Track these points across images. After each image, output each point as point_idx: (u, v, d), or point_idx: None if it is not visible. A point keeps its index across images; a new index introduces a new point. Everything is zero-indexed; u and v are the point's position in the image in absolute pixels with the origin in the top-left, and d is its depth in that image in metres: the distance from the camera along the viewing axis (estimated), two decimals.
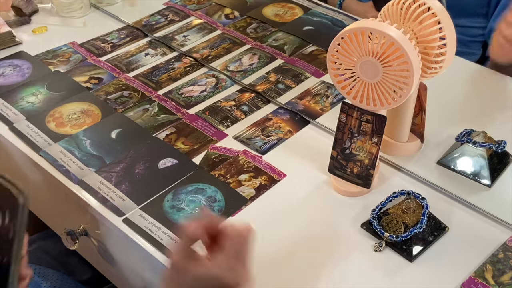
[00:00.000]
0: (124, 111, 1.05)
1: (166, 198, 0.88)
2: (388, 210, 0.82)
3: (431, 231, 0.81)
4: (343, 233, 0.83)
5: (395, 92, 0.80)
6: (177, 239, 0.82)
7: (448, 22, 0.81)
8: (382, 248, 0.80)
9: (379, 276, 0.78)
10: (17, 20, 1.31)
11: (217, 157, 0.95)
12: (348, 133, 0.87)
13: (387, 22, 0.78)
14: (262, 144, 0.98)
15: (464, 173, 0.91)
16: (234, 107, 1.06)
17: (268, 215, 0.86)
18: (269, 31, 1.27)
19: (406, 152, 0.95)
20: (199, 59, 1.18)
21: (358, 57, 0.80)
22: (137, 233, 0.83)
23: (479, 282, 0.75)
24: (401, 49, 0.76)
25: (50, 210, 1.08)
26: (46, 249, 1.06)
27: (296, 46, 1.22)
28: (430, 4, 0.81)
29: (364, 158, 0.86)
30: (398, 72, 0.78)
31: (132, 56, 1.20)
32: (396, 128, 0.93)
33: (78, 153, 0.96)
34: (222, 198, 0.88)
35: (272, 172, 0.92)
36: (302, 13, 1.33)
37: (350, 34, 0.78)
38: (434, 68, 0.84)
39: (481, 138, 0.91)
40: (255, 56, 1.19)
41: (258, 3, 1.37)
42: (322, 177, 0.92)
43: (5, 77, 1.14)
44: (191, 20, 1.32)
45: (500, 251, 0.79)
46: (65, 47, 1.23)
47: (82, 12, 1.34)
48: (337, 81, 0.84)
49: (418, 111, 0.92)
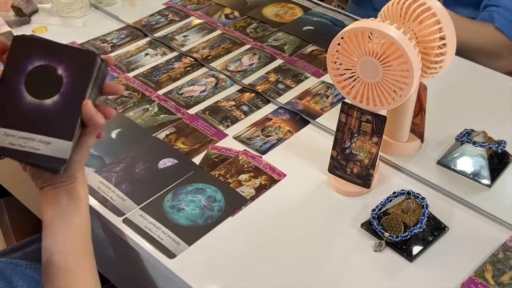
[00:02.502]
0: (124, 111, 1.05)
1: (166, 198, 0.88)
2: (388, 210, 0.82)
3: (431, 231, 0.81)
4: (343, 233, 0.83)
5: (395, 92, 0.80)
6: (177, 238, 0.82)
7: (448, 22, 0.81)
8: (382, 248, 0.80)
9: (379, 276, 0.78)
10: (17, 20, 1.31)
11: (217, 157, 0.95)
12: (348, 133, 0.87)
13: (387, 22, 0.78)
14: (262, 144, 0.98)
15: (464, 173, 0.91)
16: (234, 107, 1.06)
17: (268, 215, 0.86)
18: (269, 31, 1.27)
19: (406, 152, 0.95)
20: (199, 59, 1.18)
21: (358, 57, 0.80)
22: (137, 233, 0.83)
23: (479, 282, 0.75)
24: (401, 49, 0.76)
25: None
26: None
27: (296, 46, 1.22)
28: (430, 4, 0.81)
29: (364, 158, 0.86)
30: (398, 72, 0.78)
31: (132, 56, 1.20)
32: (396, 128, 0.93)
33: None
34: (222, 198, 0.88)
35: (272, 172, 0.92)
36: (302, 13, 1.33)
37: (350, 34, 0.78)
38: (434, 68, 0.84)
39: (481, 138, 0.91)
40: (255, 56, 1.19)
41: (258, 3, 1.37)
42: (322, 177, 0.92)
43: None
44: (191, 20, 1.32)
45: (500, 251, 0.79)
46: None
47: (82, 12, 1.34)
48: (337, 81, 0.84)
49: (418, 111, 0.92)
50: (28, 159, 0.66)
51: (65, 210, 0.71)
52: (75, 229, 0.72)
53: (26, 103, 0.66)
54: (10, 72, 0.67)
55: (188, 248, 0.81)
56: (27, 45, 0.68)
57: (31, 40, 0.68)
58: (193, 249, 0.81)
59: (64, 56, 0.67)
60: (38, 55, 0.67)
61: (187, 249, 0.81)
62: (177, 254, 0.80)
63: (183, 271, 0.78)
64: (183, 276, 0.78)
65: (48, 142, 0.66)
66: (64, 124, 0.66)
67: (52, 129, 0.66)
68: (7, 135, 0.65)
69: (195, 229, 0.83)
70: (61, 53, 0.67)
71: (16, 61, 0.67)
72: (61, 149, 0.66)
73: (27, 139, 0.66)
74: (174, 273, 0.78)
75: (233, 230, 0.84)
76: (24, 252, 1.04)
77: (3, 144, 0.65)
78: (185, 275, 0.78)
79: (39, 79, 0.67)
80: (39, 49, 0.67)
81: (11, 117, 0.66)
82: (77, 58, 0.67)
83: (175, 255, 0.80)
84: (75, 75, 0.67)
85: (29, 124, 0.66)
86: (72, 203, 0.72)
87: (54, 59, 0.67)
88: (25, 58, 0.67)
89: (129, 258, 0.88)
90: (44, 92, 0.66)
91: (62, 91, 0.66)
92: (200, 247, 0.81)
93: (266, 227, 0.84)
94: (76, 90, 0.67)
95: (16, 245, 1.08)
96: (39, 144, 0.66)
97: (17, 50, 0.67)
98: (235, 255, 0.81)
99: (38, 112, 0.66)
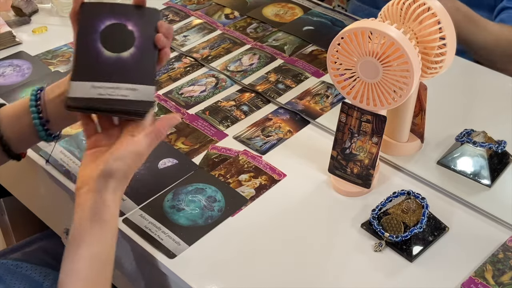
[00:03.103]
0: None
1: (166, 198, 0.88)
2: (388, 210, 0.82)
3: (431, 231, 0.81)
4: (343, 233, 0.83)
5: (395, 92, 0.80)
6: (177, 238, 0.82)
7: (448, 22, 0.81)
8: (382, 248, 0.80)
9: (379, 276, 0.78)
10: (17, 20, 1.31)
11: (217, 157, 0.95)
12: (348, 133, 0.87)
13: (387, 22, 0.78)
14: (262, 144, 0.98)
15: (464, 173, 0.91)
16: (234, 107, 1.06)
17: (268, 215, 0.86)
18: (269, 31, 1.27)
19: (406, 152, 0.95)
20: (199, 59, 1.18)
21: (358, 57, 0.80)
22: (137, 233, 0.83)
23: (479, 282, 0.75)
24: (401, 49, 0.76)
25: (50, 210, 1.08)
26: (46, 249, 1.06)
27: (296, 46, 1.22)
28: (430, 4, 0.81)
29: (364, 158, 0.86)
30: (398, 72, 0.78)
31: None
32: (396, 128, 0.93)
33: (78, 153, 0.96)
34: (222, 198, 0.88)
35: (272, 172, 0.92)
36: (302, 13, 1.33)
37: (350, 34, 0.78)
38: (434, 68, 0.84)
39: (481, 138, 0.91)
40: (255, 56, 1.19)
41: (258, 3, 1.37)
42: (322, 177, 0.92)
43: (5, 77, 1.14)
44: (191, 20, 1.32)
45: (500, 251, 0.79)
46: (65, 47, 1.23)
47: None
48: (337, 81, 0.84)
49: (418, 111, 0.92)
50: (120, 105, 0.72)
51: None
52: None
53: (106, 57, 0.74)
54: (85, 33, 0.75)
55: (188, 248, 0.81)
56: (95, 9, 0.76)
57: (98, 4, 0.77)
58: (193, 249, 0.81)
59: (131, 14, 0.76)
60: (107, 16, 0.76)
61: (187, 249, 0.81)
62: (177, 254, 0.80)
63: (183, 271, 0.78)
64: (183, 276, 0.78)
65: (134, 89, 0.73)
66: (145, 72, 0.75)
67: (136, 77, 0.74)
68: (95, 87, 0.72)
69: (195, 229, 0.83)
70: (128, 12, 0.77)
71: (88, 24, 0.75)
72: (147, 93, 0.73)
73: (115, 88, 0.73)
74: (174, 273, 0.78)
75: (233, 230, 0.84)
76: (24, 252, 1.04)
77: (93, 95, 0.72)
78: (185, 275, 0.78)
79: (113, 36, 0.75)
80: (107, 11, 0.76)
81: (94, 71, 0.73)
82: (142, 14, 0.77)
83: (175, 255, 0.80)
84: (144, 29, 0.76)
85: (113, 75, 0.73)
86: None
87: (122, 17, 0.76)
88: (97, 20, 0.75)
89: (129, 258, 0.88)
90: (120, 46, 0.75)
91: (136, 44, 0.75)
92: (200, 247, 0.81)
93: (266, 227, 0.84)
94: (148, 41, 0.75)
95: (16, 245, 1.08)
96: (127, 91, 0.73)
97: (87, 15, 0.76)
98: (235, 255, 0.81)
99: (118, 64, 0.74)
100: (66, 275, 0.66)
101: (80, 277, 0.66)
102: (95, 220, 0.68)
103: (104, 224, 0.69)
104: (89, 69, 0.73)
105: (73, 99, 0.72)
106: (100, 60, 0.74)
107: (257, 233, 0.84)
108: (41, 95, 0.80)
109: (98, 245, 0.68)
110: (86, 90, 0.72)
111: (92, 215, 0.68)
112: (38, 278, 0.94)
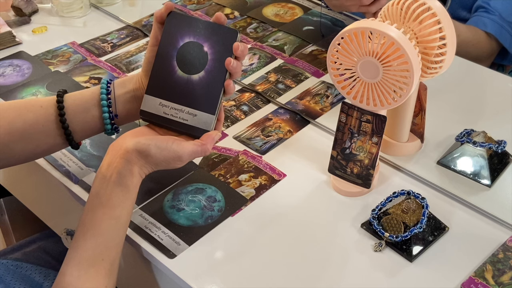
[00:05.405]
0: None
1: (166, 198, 0.88)
2: (388, 210, 0.82)
3: (431, 231, 0.81)
4: (343, 233, 0.83)
5: (395, 92, 0.80)
6: (177, 238, 0.82)
7: (448, 22, 0.81)
8: (382, 248, 0.80)
9: (379, 276, 0.78)
10: (17, 20, 1.31)
11: (217, 157, 0.95)
12: (348, 133, 0.87)
13: (387, 22, 0.78)
14: (262, 144, 0.98)
15: (464, 173, 0.91)
16: (234, 107, 1.06)
17: (268, 215, 0.86)
18: (269, 31, 1.27)
19: (406, 152, 0.95)
20: None
21: (358, 57, 0.80)
22: (137, 233, 0.83)
23: (479, 282, 0.75)
24: (401, 49, 0.76)
25: (50, 210, 1.08)
26: (46, 249, 1.06)
27: (296, 46, 1.22)
28: (430, 4, 0.81)
29: (364, 158, 0.86)
30: (398, 72, 0.78)
31: (132, 56, 1.20)
32: (396, 128, 0.93)
33: (78, 153, 0.96)
34: (222, 198, 0.88)
35: (272, 172, 0.92)
36: (302, 13, 1.33)
37: (350, 34, 0.79)
38: (434, 68, 0.84)
39: (481, 138, 0.91)
40: (255, 56, 1.19)
41: (258, 3, 1.37)
42: (322, 177, 0.92)
43: (5, 77, 1.14)
44: None
45: (500, 251, 0.79)
46: (65, 47, 1.23)
47: (82, 12, 1.34)
48: (337, 81, 0.84)
49: (418, 111, 0.92)
50: (178, 127, 0.77)
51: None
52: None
53: (177, 77, 0.77)
54: (166, 46, 0.77)
55: (188, 248, 0.81)
56: (180, 22, 0.77)
57: (183, 17, 0.77)
58: (193, 249, 0.81)
59: (210, 34, 0.76)
60: (188, 32, 0.76)
61: (187, 249, 0.81)
62: (177, 254, 0.80)
63: (183, 271, 0.78)
64: (183, 276, 0.78)
65: (194, 114, 0.77)
66: (209, 99, 0.77)
67: (199, 103, 0.77)
68: (162, 105, 0.77)
69: (195, 229, 0.83)
70: (208, 30, 0.76)
71: (171, 36, 0.77)
72: (205, 122, 0.77)
73: (178, 110, 0.77)
74: (174, 273, 0.78)
75: (233, 230, 0.84)
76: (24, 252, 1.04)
77: (159, 112, 0.77)
78: (185, 275, 0.78)
79: (188, 56, 0.77)
80: (189, 26, 0.77)
81: (165, 89, 0.77)
82: (221, 36, 0.76)
83: (175, 255, 0.80)
84: (219, 52, 0.76)
85: (179, 97, 0.77)
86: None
87: (201, 36, 0.76)
88: (179, 35, 0.76)
89: (129, 258, 0.88)
90: (192, 68, 0.77)
91: (207, 68, 0.76)
92: (200, 247, 0.81)
93: (266, 227, 0.84)
94: (219, 67, 0.76)
95: (16, 245, 1.08)
96: (187, 116, 0.77)
97: (172, 25, 0.77)
98: (235, 255, 0.81)
99: (187, 86, 0.77)
100: (84, 226, 0.72)
101: (99, 231, 0.72)
102: (121, 184, 0.73)
103: (127, 190, 0.73)
104: (161, 86, 0.77)
105: (143, 112, 0.78)
106: (171, 79, 0.77)
107: (257, 233, 0.84)
108: (112, 89, 0.81)
109: (119, 208, 0.73)
110: (155, 106, 0.77)
111: (119, 178, 0.73)
112: (38, 278, 0.94)
